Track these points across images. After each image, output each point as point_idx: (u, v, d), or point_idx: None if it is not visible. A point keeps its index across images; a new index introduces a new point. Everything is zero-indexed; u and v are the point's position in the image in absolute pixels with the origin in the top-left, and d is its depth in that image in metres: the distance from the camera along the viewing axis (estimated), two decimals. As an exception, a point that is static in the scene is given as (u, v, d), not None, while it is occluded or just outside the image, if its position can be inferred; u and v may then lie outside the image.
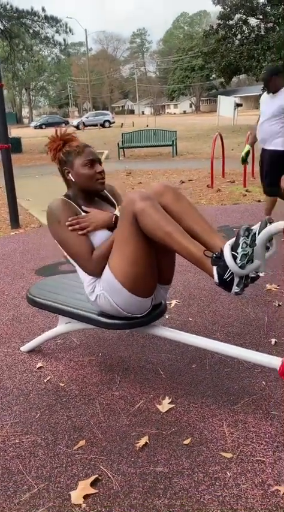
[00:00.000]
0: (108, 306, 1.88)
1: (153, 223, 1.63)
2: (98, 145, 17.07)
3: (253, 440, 1.70)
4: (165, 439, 1.74)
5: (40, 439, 1.78)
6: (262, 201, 6.09)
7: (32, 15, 17.36)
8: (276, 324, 2.59)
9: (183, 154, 13.09)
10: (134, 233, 1.73)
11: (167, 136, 12.98)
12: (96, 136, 23.90)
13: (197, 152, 13.39)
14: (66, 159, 1.96)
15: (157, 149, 13.96)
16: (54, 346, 2.50)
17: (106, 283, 1.84)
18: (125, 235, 1.73)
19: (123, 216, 1.72)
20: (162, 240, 1.64)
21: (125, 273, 1.76)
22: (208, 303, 2.93)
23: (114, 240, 1.79)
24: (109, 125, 36.66)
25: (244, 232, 1.47)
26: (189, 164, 10.60)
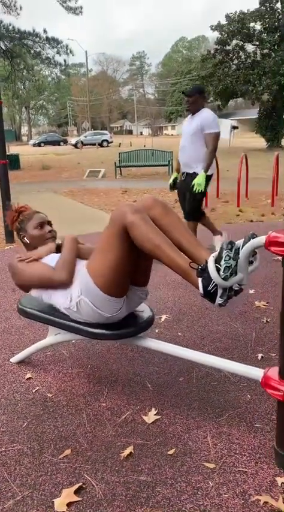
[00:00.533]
0: (89, 310, 1.96)
1: (143, 236, 1.70)
2: (95, 164, 17.29)
3: (236, 451, 1.73)
4: (150, 449, 1.76)
5: (26, 448, 1.79)
6: (255, 221, 6.19)
7: (34, 37, 17.71)
8: (263, 340, 2.63)
9: (179, 174, 13.26)
10: (119, 242, 1.81)
11: (163, 157, 13.18)
12: (93, 156, 24.19)
13: (193, 172, 13.56)
14: (21, 226, 2.32)
15: (154, 169, 14.15)
16: (44, 358, 2.52)
17: (84, 286, 1.94)
18: (109, 243, 1.82)
19: (111, 225, 1.79)
20: (151, 251, 1.71)
21: (103, 276, 1.87)
22: (198, 318, 2.97)
23: (97, 246, 1.91)
24: (107, 144, 37.10)
25: (226, 245, 1.53)
26: (185, 184, 10.74)
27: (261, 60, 20.99)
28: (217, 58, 22.11)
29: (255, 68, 20.74)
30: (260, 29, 21.19)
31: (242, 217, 6.58)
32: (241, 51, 21.83)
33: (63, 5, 18.23)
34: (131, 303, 2.07)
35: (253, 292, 3.40)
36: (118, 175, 13.25)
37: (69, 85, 69.60)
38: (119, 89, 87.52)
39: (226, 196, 8.45)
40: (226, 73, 21.41)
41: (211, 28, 21.99)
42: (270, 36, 20.82)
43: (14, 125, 67.10)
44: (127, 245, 1.79)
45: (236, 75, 21.04)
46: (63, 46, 18.17)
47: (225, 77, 21.20)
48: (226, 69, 21.67)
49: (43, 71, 34.34)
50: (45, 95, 66.04)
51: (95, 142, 35.76)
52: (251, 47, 21.81)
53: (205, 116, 3.97)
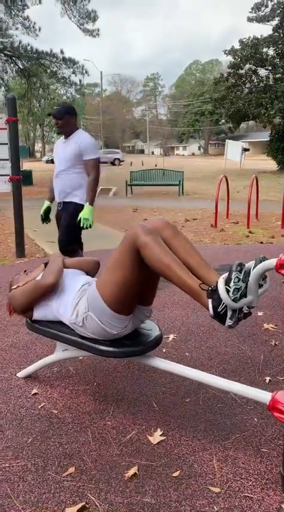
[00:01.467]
0: (95, 325, 1.98)
1: (155, 256, 1.73)
2: (108, 183, 17.45)
3: (242, 476, 1.70)
4: (155, 470, 1.74)
5: (30, 464, 1.79)
6: (265, 243, 6.19)
7: (51, 57, 18.17)
8: (272, 363, 2.61)
9: (189, 194, 13.35)
10: (131, 261, 1.83)
11: (174, 176, 13.29)
12: (106, 174, 24.45)
13: (203, 193, 13.65)
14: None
15: (165, 188, 14.26)
16: (50, 374, 2.52)
17: (91, 302, 1.97)
18: (121, 261, 1.85)
19: (124, 245, 1.82)
20: (162, 272, 1.73)
21: (111, 293, 1.89)
22: (206, 339, 2.96)
23: (108, 263, 1.92)
24: (119, 163, 37.49)
25: (236, 267, 1.54)
26: (195, 204, 10.81)
27: (273, 84, 21.28)
28: (230, 81, 22.45)
29: (267, 91, 21.01)
30: (273, 54, 21.52)
31: (252, 238, 6.58)
32: (253, 75, 22.16)
33: (81, 28, 18.73)
34: (136, 321, 2.08)
35: (261, 314, 3.39)
36: (129, 194, 13.35)
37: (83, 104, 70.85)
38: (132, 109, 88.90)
39: (235, 217, 8.48)
40: (239, 96, 21.69)
41: (225, 52, 22.39)
42: (283, 62, 21.11)
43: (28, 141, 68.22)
44: (138, 264, 1.82)
45: (248, 99, 21.31)
46: (79, 66, 18.59)
47: (237, 100, 21.48)
48: (238, 92, 21.97)
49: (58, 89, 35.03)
50: (60, 113, 67.00)
51: (107, 161, 36.14)
52: (264, 72, 22.13)
53: (82, 141, 3.53)
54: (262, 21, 21.96)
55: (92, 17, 18.93)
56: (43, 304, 2.20)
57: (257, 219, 8.28)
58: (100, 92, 58.42)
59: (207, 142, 66.92)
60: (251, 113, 21.28)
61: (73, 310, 2.05)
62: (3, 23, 17.66)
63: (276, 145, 22.29)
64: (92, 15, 18.83)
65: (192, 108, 65.07)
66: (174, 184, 13.08)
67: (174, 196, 12.86)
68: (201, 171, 24.48)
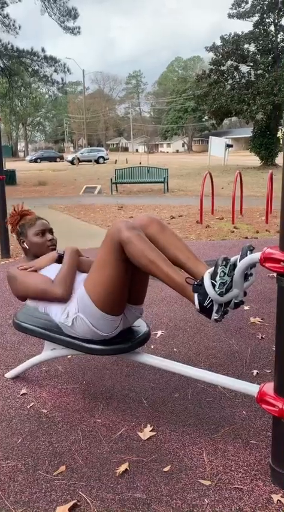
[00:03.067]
0: (85, 327, 1.96)
1: (138, 252, 1.71)
2: (92, 180, 17.41)
3: (232, 468, 1.72)
4: (145, 466, 1.75)
5: (20, 464, 1.78)
6: (250, 238, 6.25)
7: (32, 55, 18.01)
8: (259, 356, 2.64)
9: (174, 191, 13.38)
10: (115, 258, 1.82)
11: (159, 174, 13.31)
12: (90, 172, 24.37)
13: (188, 189, 13.70)
14: (21, 231, 2.28)
15: (149, 185, 14.28)
16: (39, 374, 2.51)
17: (81, 303, 1.94)
18: (105, 259, 1.83)
19: (107, 242, 1.81)
20: (146, 267, 1.72)
21: (99, 293, 1.87)
22: (193, 334, 2.97)
23: (94, 263, 1.91)
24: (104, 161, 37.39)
25: (221, 261, 1.56)
26: (180, 200, 10.84)
27: (255, 80, 21.42)
28: (212, 78, 22.54)
29: (249, 87, 21.15)
30: (254, 51, 21.67)
31: (237, 233, 6.63)
32: (235, 72, 22.28)
33: (61, 25, 18.58)
34: (126, 321, 2.08)
35: (248, 308, 3.42)
36: (114, 192, 13.33)
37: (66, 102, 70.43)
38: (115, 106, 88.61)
39: (220, 213, 8.53)
40: (221, 92, 21.79)
41: (206, 49, 22.48)
42: (264, 58, 21.29)
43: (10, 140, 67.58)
44: (123, 262, 1.81)
45: (231, 95, 21.42)
46: (60, 65, 18.46)
47: (220, 96, 21.57)
48: (220, 88, 22.06)
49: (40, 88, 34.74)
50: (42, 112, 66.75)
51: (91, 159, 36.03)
52: (245, 68, 22.26)
53: None
54: (243, 18, 22.08)
55: (73, 15, 18.79)
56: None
57: (242, 214, 8.34)
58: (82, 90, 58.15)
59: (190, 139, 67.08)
60: (234, 109, 21.39)
61: (63, 310, 2.03)
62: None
63: (259, 141, 22.45)
64: (72, 12, 18.69)
65: (175, 105, 65.15)
66: (159, 182, 13.10)
67: (159, 193, 12.88)
68: (185, 168, 24.54)
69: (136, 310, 2.11)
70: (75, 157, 36.54)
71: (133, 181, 13.36)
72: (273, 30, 21.69)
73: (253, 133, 22.93)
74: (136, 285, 2.00)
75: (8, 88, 19.96)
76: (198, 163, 29.30)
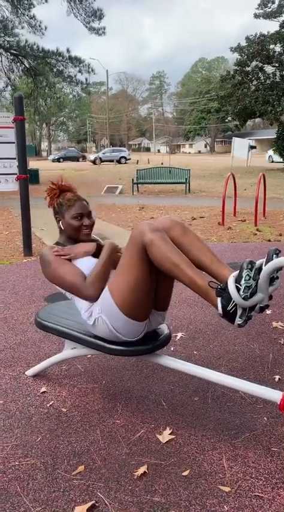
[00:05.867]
0: (106, 329, 1.95)
1: (161, 254, 1.70)
2: (113, 180, 17.47)
3: (252, 475, 1.69)
4: (164, 469, 1.73)
5: (39, 463, 1.79)
6: (272, 241, 6.16)
7: (57, 55, 18.17)
8: (281, 362, 2.59)
9: (196, 192, 13.31)
10: (139, 261, 1.80)
11: (181, 174, 13.26)
12: (111, 172, 24.46)
13: (209, 191, 13.60)
14: (59, 209, 2.14)
15: (171, 186, 14.23)
16: (59, 372, 2.52)
17: (104, 306, 1.92)
18: (130, 263, 1.82)
19: (131, 244, 1.79)
20: (169, 270, 1.71)
21: (124, 297, 1.85)
22: (214, 337, 2.94)
23: (118, 266, 1.89)
24: (125, 161, 37.51)
25: (247, 265, 1.53)
26: (201, 202, 10.77)
27: (280, 81, 21.13)
28: (237, 79, 22.32)
29: (274, 89, 20.87)
30: (280, 51, 21.36)
31: (260, 236, 6.54)
32: (260, 72, 22.00)
33: (87, 26, 18.70)
34: (150, 326, 2.05)
35: (270, 312, 3.36)
36: (135, 192, 13.34)
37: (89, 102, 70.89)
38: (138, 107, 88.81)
39: (243, 215, 8.43)
40: (245, 93, 21.57)
41: (231, 50, 22.28)
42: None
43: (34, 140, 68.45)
44: (147, 264, 1.79)
45: (255, 96, 21.18)
46: (85, 65, 18.57)
47: (244, 97, 21.35)
48: (245, 89, 21.84)
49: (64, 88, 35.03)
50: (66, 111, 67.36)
51: (113, 159, 36.18)
52: (270, 69, 21.98)
53: None
54: (269, 18, 21.80)
55: (98, 15, 18.88)
56: None
57: (265, 216, 8.23)
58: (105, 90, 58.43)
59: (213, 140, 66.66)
60: (258, 110, 21.14)
61: (88, 308, 2.01)
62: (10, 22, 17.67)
63: (283, 143, 22.14)
64: (98, 13, 18.78)
65: (198, 105, 64.87)
66: (181, 182, 13.05)
67: (180, 194, 12.83)
68: (207, 169, 24.40)
69: (160, 317, 2.08)
70: (97, 157, 36.73)
71: (154, 182, 13.34)
72: (300, 30, 21.35)
73: (277, 135, 22.62)
74: (161, 290, 1.97)
75: (33, 88, 20.17)
76: (220, 164, 29.09)
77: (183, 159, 41.63)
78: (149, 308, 1.96)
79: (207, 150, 68.29)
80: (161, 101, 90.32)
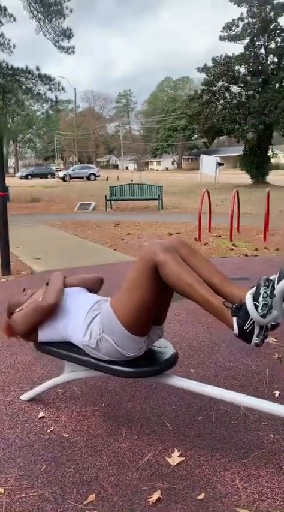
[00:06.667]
0: (110, 348, 1.92)
1: (175, 274, 1.69)
2: (85, 197, 17.42)
3: (268, 496, 1.67)
4: (178, 493, 1.69)
5: (47, 493, 1.70)
6: (250, 255, 6.25)
7: (26, 73, 18.14)
8: (278, 377, 2.60)
9: (169, 208, 13.43)
10: (148, 281, 1.79)
11: (153, 191, 13.37)
12: (82, 189, 24.40)
13: (182, 207, 13.76)
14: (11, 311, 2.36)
15: (144, 202, 14.31)
16: (55, 396, 2.44)
17: (106, 324, 1.91)
18: (138, 281, 1.80)
19: (141, 263, 1.77)
20: (183, 290, 1.70)
21: (128, 314, 1.84)
22: (209, 354, 2.93)
23: (125, 283, 1.88)
24: (95, 178, 37.57)
25: (264, 282, 1.53)
26: (175, 218, 10.87)
27: (246, 101, 21.79)
28: (204, 98, 22.88)
29: (240, 108, 21.51)
30: (245, 72, 22.10)
31: (237, 251, 6.64)
32: (227, 92, 22.65)
33: (56, 45, 18.80)
34: (150, 341, 2.04)
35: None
36: (108, 208, 13.33)
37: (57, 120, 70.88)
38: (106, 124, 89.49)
39: (218, 230, 8.55)
40: (213, 112, 22.12)
41: (198, 70, 22.86)
42: (254, 79, 21.71)
43: (1, 157, 67.63)
44: (156, 284, 1.78)
45: (222, 114, 21.75)
46: (55, 83, 18.61)
47: (212, 116, 21.89)
48: (212, 108, 22.40)
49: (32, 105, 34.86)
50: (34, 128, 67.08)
51: (83, 176, 36.17)
52: (236, 88, 22.67)
53: None
54: (234, 40, 22.57)
55: (67, 35, 19.04)
56: (48, 325, 2.13)
57: (239, 232, 8.37)
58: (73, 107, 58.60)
59: (180, 157, 67.83)
60: (226, 128, 21.69)
61: (85, 331, 1.98)
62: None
63: (250, 160, 22.76)
64: (67, 32, 18.95)
65: (165, 123, 65.99)
66: (154, 199, 13.15)
67: (153, 211, 12.91)
68: (176, 186, 24.71)
69: (158, 330, 2.08)
70: (66, 174, 36.62)
71: (128, 199, 13.38)
72: (263, 52, 22.18)
73: (244, 152, 23.25)
74: (161, 306, 1.97)
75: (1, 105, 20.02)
76: (189, 181, 29.54)
77: (152, 176, 42.09)
78: (150, 324, 1.96)
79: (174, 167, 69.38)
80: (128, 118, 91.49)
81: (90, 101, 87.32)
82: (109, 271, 5.05)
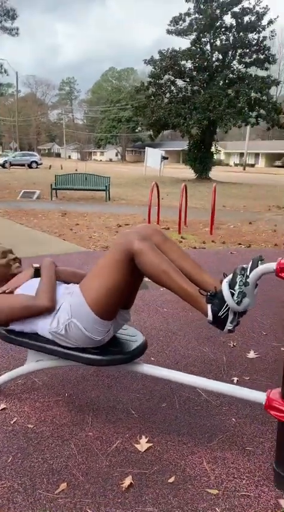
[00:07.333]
0: (78, 333, 1.90)
1: (151, 262, 1.71)
2: (27, 185, 16.92)
3: (235, 475, 1.74)
4: (149, 478, 1.72)
5: (17, 485, 1.67)
6: (198, 248, 6.41)
7: None
8: (234, 364, 2.70)
9: (116, 199, 13.40)
10: (122, 268, 1.79)
11: (100, 181, 13.27)
12: (24, 177, 23.67)
13: (129, 199, 13.78)
14: None
15: (90, 193, 14.17)
16: (15, 387, 2.38)
17: (75, 308, 1.89)
18: (111, 268, 1.80)
19: (115, 251, 1.77)
20: (158, 278, 1.71)
21: (97, 299, 1.84)
22: (167, 343, 2.98)
23: (95, 268, 1.87)
24: (37, 166, 36.58)
25: (240, 271, 1.59)
26: (123, 209, 10.87)
27: (191, 96, 22.16)
28: (150, 90, 22.97)
29: (186, 102, 21.83)
30: (191, 67, 22.44)
31: (185, 243, 6.78)
32: (172, 86, 22.89)
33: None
34: (117, 325, 2.05)
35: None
36: (54, 197, 13.07)
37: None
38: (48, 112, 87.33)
39: (166, 223, 8.67)
40: (159, 105, 22.28)
41: (145, 62, 22.88)
42: (200, 75, 22.11)
43: None
44: (130, 270, 1.79)
45: (168, 108, 21.97)
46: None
47: (158, 109, 22.04)
48: (159, 101, 22.55)
49: None
50: None
51: (24, 163, 35.11)
52: (182, 83, 22.97)
53: None
54: (181, 35, 22.82)
55: (11, 15, 18.34)
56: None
57: (186, 225, 8.54)
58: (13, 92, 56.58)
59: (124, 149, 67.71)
60: (171, 123, 21.95)
61: (53, 318, 1.95)
62: None
63: (194, 155, 23.22)
64: (11, 13, 18.26)
65: (109, 114, 65.57)
66: (101, 190, 13.06)
67: (100, 201, 12.82)
68: (121, 177, 24.69)
69: (126, 314, 2.10)
70: (6, 160, 35.34)
71: (74, 188, 13.18)
72: (209, 49, 22.62)
73: (189, 147, 23.66)
74: (130, 291, 1.98)
75: None
76: (133, 173, 29.63)
77: (97, 166, 41.73)
78: (118, 308, 1.97)
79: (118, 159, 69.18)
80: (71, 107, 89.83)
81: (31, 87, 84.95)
82: (65, 262, 4.97)
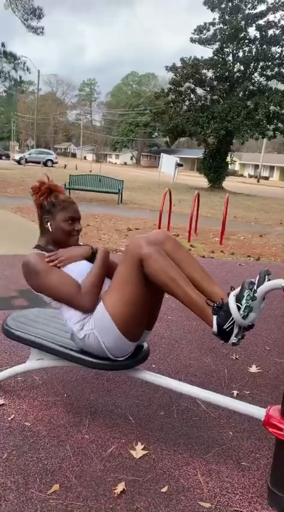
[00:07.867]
0: (95, 345, 1.87)
1: (158, 268, 1.69)
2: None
3: (228, 490, 1.73)
4: (142, 486, 1.71)
5: (10, 482, 1.67)
6: (206, 257, 6.39)
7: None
8: (235, 377, 2.69)
9: (128, 203, 13.43)
10: (136, 275, 1.77)
11: (113, 184, 13.31)
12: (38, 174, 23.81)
13: (141, 203, 13.80)
14: (49, 209, 2.00)
15: (102, 195, 14.22)
16: (15, 384, 2.39)
17: (98, 321, 1.84)
18: (126, 276, 1.78)
19: (126, 258, 1.76)
20: (165, 285, 1.70)
21: (120, 313, 1.79)
22: (169, 351, 2.98)
23: (114, 279, 1.83)
24: (52, 164, 36.78)
25: (248, 285, 1.58)
26: (134, 213, 10.89)
27: (210, 105, 22.20)
28: (170, 97, 23.06)
29: (205, 111, 21.87)
30: (212, 76, 22.49)
31: (194, 252, 6.76)
32: (192, 94, 22.96)
33: (25, 23, 18.22)
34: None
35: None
36: (66, 197, 13.12)
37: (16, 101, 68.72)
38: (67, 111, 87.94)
39: (176, 230, 8.66)
40: (178, 112, 22.36)
41: (167, 68, 22.99)
42: (220, 84, 22.15)
43: None
44: (144, 279, 1.76)
45: (187, 116, 22.04)
46: (20, 62, 18.06)
47: (176, 116, 22.12)
48: (177, 108, 22.63)
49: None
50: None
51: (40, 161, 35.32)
52: (202, 92, 23.03)
53: None
54: (204, 44, 22.89)
55: (37, 14, 18.53)
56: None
57: (196, 233, 8.53)
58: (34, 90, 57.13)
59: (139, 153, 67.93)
60: (189, 130, 22.00)
61: (79, 319, 1.91)
62: None
63: (209, 164, 23.23)
64: (37, 12, 18.44)
65: (127, 118, 65.85)
66: (114, 192, 13.10)
67: (112, 204, 12.86)
68: (136, 181, 24.75)
69: (146, 335, 2.05)
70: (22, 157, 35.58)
71: (87, 189, 13.24)
72: (231, 60, 22.67)
73: (204, 156, 23.68)
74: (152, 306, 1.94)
75: None
76: (148, 178, 29.69)
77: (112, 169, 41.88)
78: (143, 328, 1.93)
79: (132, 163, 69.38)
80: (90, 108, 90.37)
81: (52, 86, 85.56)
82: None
